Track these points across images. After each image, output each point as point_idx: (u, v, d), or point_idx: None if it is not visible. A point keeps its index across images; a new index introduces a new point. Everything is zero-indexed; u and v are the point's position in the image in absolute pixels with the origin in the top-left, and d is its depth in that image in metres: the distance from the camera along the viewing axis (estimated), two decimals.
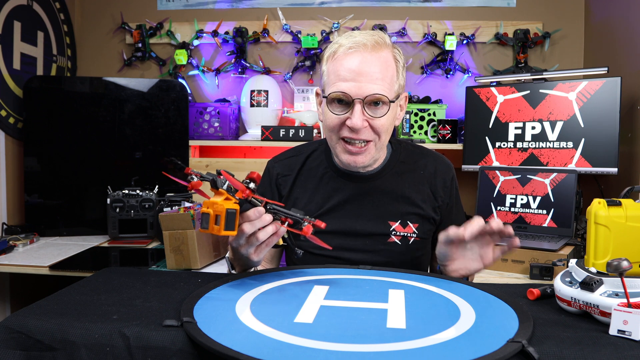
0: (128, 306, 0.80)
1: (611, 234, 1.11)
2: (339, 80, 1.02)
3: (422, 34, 2.50)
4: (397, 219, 1.12)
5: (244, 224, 0.87)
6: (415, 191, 1.14)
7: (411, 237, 1.13)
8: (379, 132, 1.04)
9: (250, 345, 0.63)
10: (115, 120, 2.33)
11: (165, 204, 2.03)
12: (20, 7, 2.24)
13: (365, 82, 1.00)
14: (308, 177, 1.18)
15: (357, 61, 1.01)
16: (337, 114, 1.04)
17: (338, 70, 1.03)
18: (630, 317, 0.68)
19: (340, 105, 1.04)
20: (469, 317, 0.74)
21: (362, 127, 1.02)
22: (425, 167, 1.18)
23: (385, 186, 1.14)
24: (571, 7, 2.44)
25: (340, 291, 0.85)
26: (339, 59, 1.03)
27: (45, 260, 1.83)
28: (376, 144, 1.07)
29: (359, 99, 1.01)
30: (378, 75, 1.01)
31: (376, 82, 1.01)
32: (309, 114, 2.34)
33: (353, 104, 1.01)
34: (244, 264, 1.00)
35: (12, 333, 0.73)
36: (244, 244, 0.91)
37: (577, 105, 1.96)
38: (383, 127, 1.04)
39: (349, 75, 1.01)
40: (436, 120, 2.29)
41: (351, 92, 1.01)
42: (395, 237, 1.12)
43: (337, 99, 1.03)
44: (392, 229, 1.12)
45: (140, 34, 2.61)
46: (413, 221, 1.13)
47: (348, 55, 1.02)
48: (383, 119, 1.03)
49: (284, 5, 2.58)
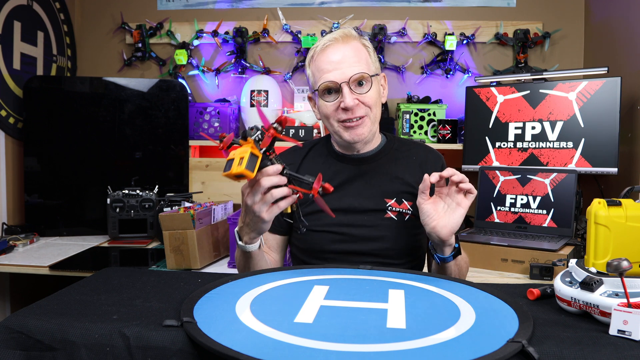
0: (128, 306, 0.80)
1: (611, 234, 1.11)
2: (323, 73, 1.16)
3: (422, 34, 2.50)
4: (393, 197, 1.22)
5: (262, 178, 0.93)
6: (409, 174, 1.25)
7: (406, 213, 1.22)
8: (369, 105, 1.18)
9: (250, 345, 0.63)
10: (115, 120, 2.33)
11: (165, 204, 2.03)
12: (20, 7, 2.24)
13: (345, 67, 1.15)
14: (311, 164, 1.29)
15: (333, 53, 1.16)
16: (330, 101, 1.17)
17: (320, 65, 1.17)
18: (630, 317, 0.68)
19: (330, 95, 1.18)
20: (469, 317, 0.74)
21: (354, 105, 1.15)
22: (417, 154, 1.29)
23: (380, 168, 1.25)
24: (571, 7, 2.44)
25: (340, 291, 0.85)
26: (318, 57, 1.18)
27: (45, 260, 1.83)
28: (370, 117, 1.19)
29: (345, 82, 1.14)
30: (354, 59, 1.16)
31: (354, 64, 1.15)
32: (309, 114, 2.34)
33: (341, 89, 1.15)
34: (253, 229, 1.03)
35: (12, 333, 0.73)
36: (258, 200, 0.95)
37: (577, 105, 1.96)
38: (372, 100, 1.18)
39: (330, 66, 1.15)
40: (436, 120, 2.29)
41: (336, 79, 1.15)
42: (391, 212, 1.21)
43: (326, 89, 1.17)
44: (388, 205, 1.21)
45: (140, 34, 2.61)
46: (407, 199, 1.22)
47: (324, 51, 1.17)
48: (369, 93, 1.17)
49: (284, 5, 2.58)
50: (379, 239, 1.19)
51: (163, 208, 1.90)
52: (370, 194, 1.22)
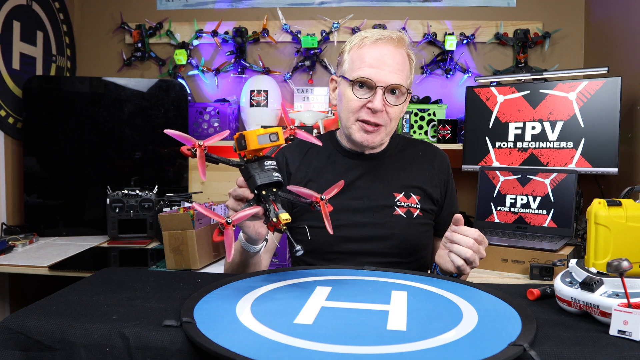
0: (127, 306, 0.80)
1: (611, 234, 1.11)
2: (364, 66, 1.13)
3: (422, 34, 2.50)
4: (401, 191, 1.22)
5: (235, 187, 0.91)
6: (416, 169, 1.26)
7: (415, 209, 1.21)
8: (391, 118, 1.17)
9: (247, 346, 0.62)
10: (115, 120, 2.33)
11: (165, 204, 2.03)
12: (20, 7, 2.24)
13: (388, 71, 1.12)
14: (314, 158, 1.27)
15: (382, 51, 1.13)
16: (359, 97, 1.15)
17: (364, 57, 1.14)
18: (631, 318, 0.68)
19: (362, 89, 1.15)
20: (472, 319, 0.73)
21: (381, 109, 1.13)
22: (424, 150, 1.31)
23: (389, 164, 1.26)
24: (571, 7, 2.44)
25: (342, 292, 0.85)
26: (366, 47, 1.14)
27: (45, 261, 1.83)
28: (386, 129, 1.18)
29: (381, 86, 1.12)
30: (399, 67, 1.14)
31: (397, 72, 1.13)
32: (309, 114, 2.33)
33: (375, 90, 1.13)
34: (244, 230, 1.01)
35: (11, 333, 0.73)
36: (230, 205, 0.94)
37: (577, 105, 1.96)
38: (395, 114, 1.17)
39: (374, 62, 1.12)
40: (436, 120, 2.28)
41: (375, 79, 1.12)
42: (399, 209, 1.21)
43: (360, 83, 1.14)
44: (397, 199, 1.21)
45: (140, 34, 2.61)
46: (415, 194, 1.23)
47: (375, 45, 1.14)
48: (398, 107, 1.16)
49: (284, 5, 2.58)
50: (387, 238, 1.18)
51: (163, 208, 1.90)
52: (379, 189, 1.22)
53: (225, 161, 0.88)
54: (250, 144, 0.84)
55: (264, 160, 0.87)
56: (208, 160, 0.84)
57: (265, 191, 0.86)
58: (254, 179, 0.85)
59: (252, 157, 0.87)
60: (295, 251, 0.91)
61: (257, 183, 0.85)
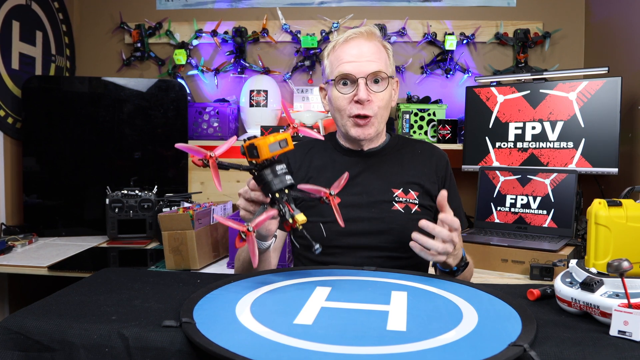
0: (127, 307, 0.80)
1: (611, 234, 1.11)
2: (342, 64, 1.18)
3: (422, 34, 2.50)
4: (400, 187, 1.24)
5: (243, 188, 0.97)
6: (414, 166, 1.28)
7: (413, 204, 1.23)
8: (379, 106, 1.20)
9: (247, 347, 0.62)
10: (114, 120, 2.32)
11: (165, 204, 2.03)
12: (19, 7, 2.24)
13: (365, 62, 1.17)
14: (315, 157, 1.30)
15: (356, 46, 1.19)
16: (344, 93, 1.19)
17: (340, 56, 1.19)
18: (631, 318, 0.68)
19: (345, 86, 1.19)
20: (472, 319, 0.73)
21: (367, 99, 1.17)
22: (422, 149, 1.33)
23: (387, 160, 1.28)
24: (571, 7, 2.44)
25: (342, 293, 0.85)
26: (339, 48, 1.20)
27: (44, 261, 1.83)
28: (377, 118, 1.21)
29: (362, 77, 1.17)
30: (375, 56, 1.19)
31: (374, 61, 1.18)
32: (309, 114, 2.33)
33: (357, 82, 1.17)
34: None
35: (11, 334, 0.72)
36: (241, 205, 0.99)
37: (577, 105, 1.95)
38: (383, 101, 1.20)
39: (351, 57, 1.18)
40: (436, 120, 2.28)
41: (354, 72, 1.17)
42: (398, 204, 1.23)
43: (342, 80, 1.19)
44: (395, 195, 1.23)
45: (139, 34, 2.61)
46: (414, 189, 1.25)
47: (347, 43, 1.19)
48: (383, 93, 1.20)
49: (284, 5, 2.57)
50: (386, 232, 1.20)
51: (162, 208, 1.90)
52: (377, 185, 1.24)
53: (236, 167, 0.92)
54: (262, 154, 0.87)
55: (276, 165, 0.90)
56: (220, 167, 0.87)
57: (278, 194, 0.89)
58: (269, 185, 0.89)
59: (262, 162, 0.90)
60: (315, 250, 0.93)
61: (273, 189, 0.89)
